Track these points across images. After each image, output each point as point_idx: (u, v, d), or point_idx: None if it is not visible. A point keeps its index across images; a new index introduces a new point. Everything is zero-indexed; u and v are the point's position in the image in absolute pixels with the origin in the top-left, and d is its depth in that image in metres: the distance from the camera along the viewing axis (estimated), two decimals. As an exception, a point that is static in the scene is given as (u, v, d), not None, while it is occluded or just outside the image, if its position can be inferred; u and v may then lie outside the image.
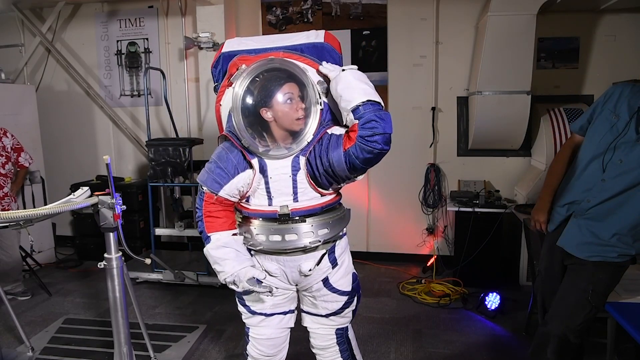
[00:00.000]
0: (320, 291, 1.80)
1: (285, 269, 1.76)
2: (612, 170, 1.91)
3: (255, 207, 1.70)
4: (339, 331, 1.88)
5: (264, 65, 1.58)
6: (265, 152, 1.60)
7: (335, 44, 1.75)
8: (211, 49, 4.02)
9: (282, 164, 1.62)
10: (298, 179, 1.63)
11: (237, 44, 1.81)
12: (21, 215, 1.76)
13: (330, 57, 1.70)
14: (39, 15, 4.99)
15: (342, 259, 1.82)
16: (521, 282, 3.86)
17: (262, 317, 1.86)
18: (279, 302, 1.85)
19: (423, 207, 4.42)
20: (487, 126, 3.86)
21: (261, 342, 1.88)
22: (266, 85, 1.55)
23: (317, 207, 1.68)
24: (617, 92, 1.96)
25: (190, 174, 3.86)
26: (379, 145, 1.50)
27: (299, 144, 1.59)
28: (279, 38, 1.80)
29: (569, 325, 1.99)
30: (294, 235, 1.67)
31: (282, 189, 1.65)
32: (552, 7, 3.67)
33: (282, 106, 1.54)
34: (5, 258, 3.56)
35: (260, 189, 1.66)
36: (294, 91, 1.56)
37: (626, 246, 1.93)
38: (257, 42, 1.80)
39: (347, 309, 1.84)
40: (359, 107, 1.52)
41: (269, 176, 1.63)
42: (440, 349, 2.88)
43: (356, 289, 1.86)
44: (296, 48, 1.72)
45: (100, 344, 2.92)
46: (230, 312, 3.39)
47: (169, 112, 4.37)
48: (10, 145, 3.55)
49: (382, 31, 4.31)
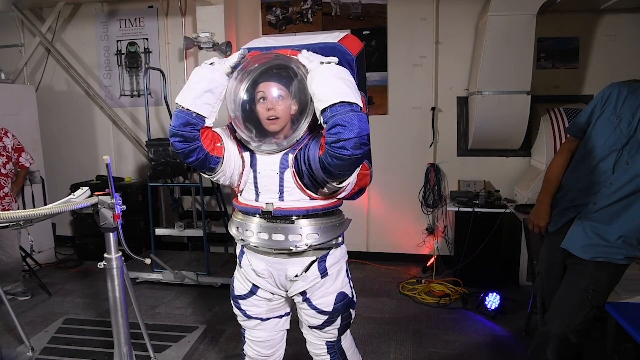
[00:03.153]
0: (300, 304, 1.77)
1: (272, 271, 1.72)
2: (619, 172, 1.90)
3: (245, 201, 1.71)
4: (329, 343, 1.83)
5: (258, 59, 1.58)
6: (257, 147, 1.61)
7: (353, 46, 1.69)
8: (211, 49, 4.02)
9: (271, 159, 1.61)
10: (285, 177, 1.60)
11: (258, 42, 1.82)
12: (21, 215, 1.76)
13: (342, 58, 1.65)
14: (39, 15, 4.99)
15: (333, 271, 1.73)
16: (521, 282, 3.87)
17: (258, 321, 1.85)
18: (275, 306, 1.84)
19: (423, 207, 4.42)
20: (487, 126, 3.86)
21: (257, 343, 1.89)
22: (252, 83, 1.56)
23: (302, 209, 1.62)
24: (615, 93, 1.95)
25: (190, 174, 3.86)
26: (347, 151, 1.38)
27: (289, 140, 1.58)
28: (300, 38, 1.77)
29: (569, 325, 1.99)
30: (280, 236, 1.63)
31: (269, 185, 1.63)
32: (552, 7, 3.67)
33: (257, 105, 1.55)
34: (6, 258, 3.56)
35: (249, 182, 1.67)
36: (266, 90, 1.53)
37: (631, 248, 1.92)
38: (277, 42, 1.78)
39: (329, 327, 1.77)
40: (327, 109, 1.41)
41: (258, 171, 1.63)
42: (440, 349, 2.88)
43: (340, 309, 1.75)
44: (308, 48, 1.67)
45: (100, 344, 2.92)
46: (230, 312, 3.34)
47: (169, 112, 4.37)
48: (11, 145, 3.55)
49: (382, 31, 4.31)
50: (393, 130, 4.40)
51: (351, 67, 1.65)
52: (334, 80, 1.45)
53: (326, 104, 1.42)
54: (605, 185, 1.93)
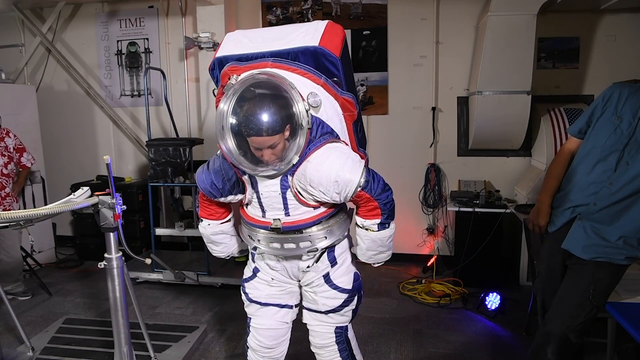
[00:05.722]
0: (321, 287, 1.81)
1: (285, 264, 1.82)
2: (619, 173, 1.90)
3: (252, 216, 1.76)
4: (338, 330, 1.87)
5: (247, 83, 1.49)
6: (254, 173, 1.59)
7: (335, 43, 1.65)
8: (211, 49, 4.02)
9: (271, 182, 1.62)
10: (288, 196, 1.63)
11: (233, 46, 1.75)
12: (21, 215, 1.77)
13: (327, 60, 1.62)
14: (39, 15, 4.99)
15: (343, 258, 1.82)
16: (521, 282, 3.87)
17: (258, 306, 1.91)
18: (275, 293, 1.89)
19: (423, 207, 4.42)
20: (487, 126, 3.86)
21: (260, 331, 1.91)
22: (240, 128, 1.47)
23: (309, 220, 1.68)
24: (617, 94, 1.95)
25: (191, 174, 3.86)
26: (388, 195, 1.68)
27: (286, 164, 1.54)
28: (277, 35, 1.73)
29: (569, 325, 1.99)
30: (292, 245, 1.72)
31: (274, 204, 1.67)
32: (552, 7, 3.67)
33: (251, 147, 1.49)
34: (6, 258, 3.56)
35: (254, 201, 1.71)
36: (257, 144, 1.46)
37: (632, 249, 1.93)
38: (253, 42, 1.73)
39: (347, 307, 1.84)
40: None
41: (260, 192, 1.66)
42: (440, 349, 2.88)
43: (357, 289, 1.85)
44: (289, 53, 1.63)
45: (100, 344, 2.92)
46: (230, 312, 3.39)
47: (169, 112, 4.37)
48: (13, 146, 3.55)
49: (383, 31, 4.31)
50: (393, 130, 4.40)
51: (337, 69, 1.64)
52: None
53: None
54: (606, 186, 1.93)
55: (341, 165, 1.55)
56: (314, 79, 1.62)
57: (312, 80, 1.62)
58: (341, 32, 1.72)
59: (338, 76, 1.68)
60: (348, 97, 1.72)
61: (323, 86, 1.63)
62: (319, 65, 1.64)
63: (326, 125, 1.60)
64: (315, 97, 1.53)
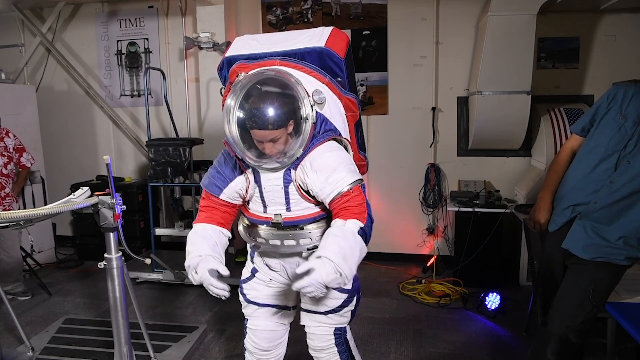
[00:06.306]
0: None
1: (285, 265, 1.82)
2: (621, 172, 1.90)
3: (253, 212, 1.76)
4: (337, 331, 1.87)
5: (255, 78, 1.53)
6: (258, 166, 1.61)
7: (340, 46, 1.71)
8: (211, 49, 4.02)
9: (274, 175, 1.63)
10: (290, 190, 1.64)
11: (241, 47, 1.81)
12: (21, 215, 1.77)
13: (332, 61, 1.67)
14: (39, 15, 4.99)
15: None
16: (521, 282, 3.87)
17: (256, 306, 1.91)
18: (273, 293, 1.89)
19: (423, 207, 4.42)
20: (487, 126, 3.86)
21: (256, 333, 1.91)
22: (245, 120, 1.50)
23: (309, 217, 1.69)
24: (622, 93, 1.94)
25: (191, 174, 3.86)
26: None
27: (290, 158, 1.57)
28: (284, 38, 1.79)
29: (569, 325, 1.99)
30: (292, 241, 1.72)
31: (275, 198, 1.67)
32: (552, 7, 3.67)
33: (255, 140, 1.52)
34: (6, 258, 3.56)
35: (255, 196, 1.71)
36: (260, 137, 1.49)
37: (632, 249, 1.92)
38: (261, 44, 1.79)
39: (346, 307, 1.84)
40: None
41: (263, 186, 1.66)
42: (440, 349, 2.88)
43: (356, 289, 1.85)
44: (296, 53, 1.69)
45: (100, 344, 2.92)
46: (230, 312, 3.39)
47: (169, 112, 4.38)
48: (13, 146, 3.55)
49: (382, 31, 4.31)
50: (393, 130, 4.40)
51: (341, 70, 1.68)
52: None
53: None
54: (606, 184, 1.93)
55: (343, 160, 1.61)
56: (319, 77, 1.67)
57: (317, 78, 1.67)
58: (346, 38, 1.78)
59: (342, 77, 1.72)
60: (351, 97, 1.77)
61: (327, 85, 1.68)
62: (324, 65, 1.69)
63: (329, 123, 1.63)
64: (320, 94, 1.57)
